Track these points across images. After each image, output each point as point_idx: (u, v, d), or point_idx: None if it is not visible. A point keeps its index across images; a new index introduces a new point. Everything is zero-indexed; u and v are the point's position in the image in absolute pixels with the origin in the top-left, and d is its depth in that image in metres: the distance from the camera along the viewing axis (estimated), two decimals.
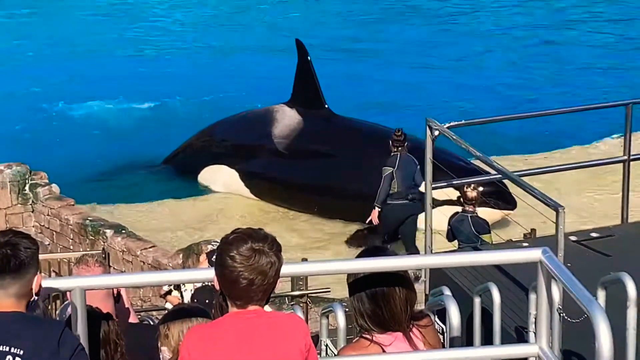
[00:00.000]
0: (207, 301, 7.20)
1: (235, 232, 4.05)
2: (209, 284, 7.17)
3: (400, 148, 14.39)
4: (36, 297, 4.23)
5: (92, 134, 21.59)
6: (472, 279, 8.15)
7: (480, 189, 12.25)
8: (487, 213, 12.98)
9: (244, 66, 26.45)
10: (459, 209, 11.96)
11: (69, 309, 4.51)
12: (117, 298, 6.06)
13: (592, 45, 28.40)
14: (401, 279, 4.43)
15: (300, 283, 11.96)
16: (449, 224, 11.78)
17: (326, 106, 17.19)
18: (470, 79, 25.17)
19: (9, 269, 4.05)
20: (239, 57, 27.49)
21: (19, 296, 4.09)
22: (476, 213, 11.69)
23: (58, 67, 26.48)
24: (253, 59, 27.13)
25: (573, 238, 9.06)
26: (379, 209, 14.32)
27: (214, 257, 8.62)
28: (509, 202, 14.88)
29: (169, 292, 9.16)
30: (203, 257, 8.79)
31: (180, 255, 13.20)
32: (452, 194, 12.56)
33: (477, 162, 13.35)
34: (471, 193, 11.70)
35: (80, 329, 4.33)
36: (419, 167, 14.24)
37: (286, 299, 12.17)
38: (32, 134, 21.47)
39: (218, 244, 4.21)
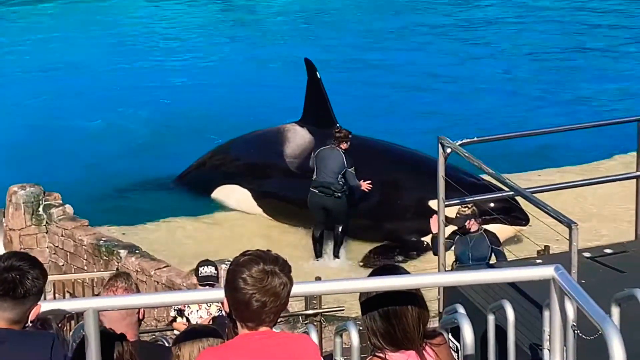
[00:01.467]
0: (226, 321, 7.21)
1: (245, 254, 4.05)
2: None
3: (342, 144, 15.17)
4: (30, 324, 4.24)
5: (104, 152, 21.58)
6: (485, 297, 8.13)
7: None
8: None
9: (256, 82, 26.44)
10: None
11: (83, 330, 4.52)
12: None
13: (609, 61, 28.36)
14: (414, 297, 4.42)
15: (314, 302, 11.94)
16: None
17: (337, 125, 17.19)
18: (482, 96, 25.15)
19: (13, 295, 4.08)
20: (251, 73, 27.50)
21: (14, 321, 4.13)
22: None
23: (69, 84, 26.53)
24: (265, 75, 27.13)
25: (587, 254, 9.05)
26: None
27: (200, 272, 8.65)
28: (521, 219, 14.85)
29: (175, 319, 9.14)
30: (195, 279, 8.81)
31: (194, 275, 13.22)
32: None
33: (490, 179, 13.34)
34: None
35: (94, 349, 4.33)
36: (349, 169, 14.71)
37: (300, 318, 12.15)
38: (45, 153, 21.46)
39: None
